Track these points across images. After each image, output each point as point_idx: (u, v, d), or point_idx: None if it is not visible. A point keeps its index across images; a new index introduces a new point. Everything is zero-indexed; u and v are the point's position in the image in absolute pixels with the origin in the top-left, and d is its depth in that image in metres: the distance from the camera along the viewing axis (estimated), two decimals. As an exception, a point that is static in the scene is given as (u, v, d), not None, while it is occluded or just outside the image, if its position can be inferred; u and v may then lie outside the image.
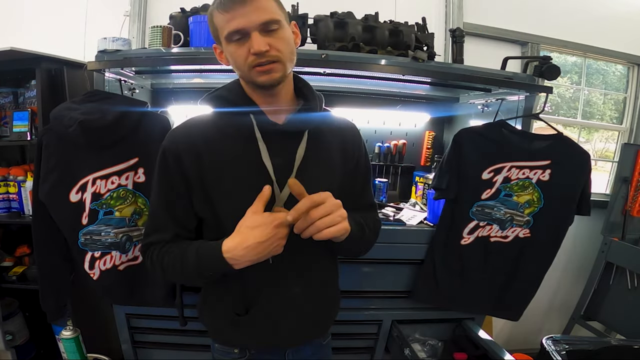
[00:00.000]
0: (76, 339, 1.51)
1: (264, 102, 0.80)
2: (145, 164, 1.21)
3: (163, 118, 1.23)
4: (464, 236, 1.42)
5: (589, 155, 1.40)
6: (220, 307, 0.89)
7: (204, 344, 1.50)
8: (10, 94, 1.66)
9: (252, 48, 0.70)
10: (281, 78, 0.75)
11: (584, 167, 1.39)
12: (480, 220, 1.41)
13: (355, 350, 1.60)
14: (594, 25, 2.30)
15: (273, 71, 0.73)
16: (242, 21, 0.70)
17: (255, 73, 0.73)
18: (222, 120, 0.81)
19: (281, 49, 0.73)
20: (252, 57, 0.71)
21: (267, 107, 0.80)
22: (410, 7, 2.00)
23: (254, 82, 0.75)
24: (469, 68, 1.48)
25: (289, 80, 0.81)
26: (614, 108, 2.60)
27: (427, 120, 1.98)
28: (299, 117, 0.80)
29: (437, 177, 1.42)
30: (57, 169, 1.15)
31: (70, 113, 1.10)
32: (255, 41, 0.70)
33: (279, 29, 0.73)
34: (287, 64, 0.75)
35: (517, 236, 1.43)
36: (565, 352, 1.25)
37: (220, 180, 0.78)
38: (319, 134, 0.84)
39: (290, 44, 0.76)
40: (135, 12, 1.89)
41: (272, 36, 0.72)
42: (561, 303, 2.46)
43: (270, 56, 0.71)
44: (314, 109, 0.83)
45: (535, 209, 1.41)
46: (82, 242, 1.21)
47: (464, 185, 1.38)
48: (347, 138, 0.91)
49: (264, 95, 0.79)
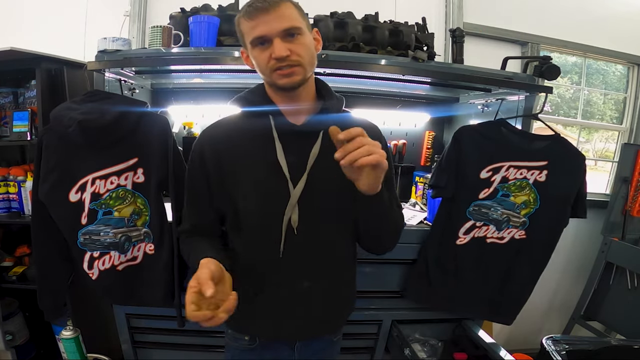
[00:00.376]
0: (76, 339, 1.51)
1: (285, 103, 0.85)
2: (144, 164, 1.21)
3: (163, 118, 1.23)
4: (459, 236, 1.41)
5: (584, 158, 1.39)
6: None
7: (204, 344, 1.51)
8: (10, 94, 1.66)
9: (274, 53, 0.76)
10: (301, 81, 0.80)
11: (580, 169, 1.38)
12: (477, 220, 1.40)
13: (355, 350, 1.59)
14: (594, 25, 2.30)
15: (294, 74, 0.78)
16: (264, 28, 0.76)
17: (277, 76, 0.79)
18: (244, 120, 0.88)
19: (301, 54, 0.78)
20: (273, 62, 0.77)
21: (287, 109, 0.85)
22: (410, 7, 2.00)
23: (276, 85, 0.81)
24: (469, 68, 1.48)
25: (310, 83, 0.86)
26: (614, 108, 2.60)
27: (427, 120, 1.98)
28: (317, 118, 0.85)
29: (436, 174, 1.41)
30: (57, 168, 1.15)
31: (70, 113, 1.10)
32: (276, 47, 0.75)
33: (300, 36, 0.78)
34: (308, 68, 0.80)
35: (512, 237, 1.42)
36: (565, 352, 1.25)
37: (237, 177, 0.85)
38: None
39: (310, 50, 0.80)
40: (135, 12, 1.89)
41: (293, 42, 0.77)
42: (561, 303, 2.46)
43: (290, 61, 0.77)
44: (333, 110, 0.87)
45: (531, 210, 1.40)
46: (81, 242, 1.21)
47: (461, 184, 1.37)
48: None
49: (285, 97, 0.84)
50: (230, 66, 1.33)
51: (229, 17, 1.45)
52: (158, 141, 1.20)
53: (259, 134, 0.85)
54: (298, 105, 0.85)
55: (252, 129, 0.86)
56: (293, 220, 0.83)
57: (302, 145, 0.84)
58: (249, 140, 0.85)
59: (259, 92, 0.88)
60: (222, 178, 0.86)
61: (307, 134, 0.85)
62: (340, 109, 0.90)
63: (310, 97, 0.87)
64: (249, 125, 0.87)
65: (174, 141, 1.22)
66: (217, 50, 1.36)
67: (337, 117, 0.86)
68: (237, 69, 1.40)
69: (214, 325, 0.70)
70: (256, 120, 0.85)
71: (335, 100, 0.89)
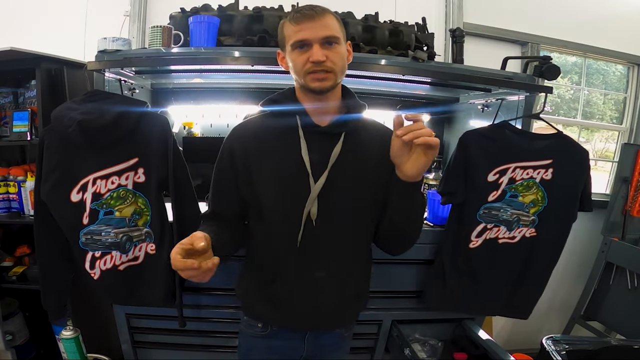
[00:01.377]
0: (76, 339, 1.51)
1: (312, 105, 0.91)
2: (145, 164, 1.21)
3: (163, 118, 1.22)
4: (472, 239, 1.42)
5: (588, 153, 1.41)
6: (250, 283, 1.01)
7: (204, 344, 1.51)
8: (10, 94, 1.66)
9: (312, 57, 0.82)
10: (332, 86, 0.87)
11: (584, 164, 1.40)
12: (488, 222, 1.41)
13: (355, 350, 1.59)
14: (594, 25, 2.30)
15: (326, 80, 0.85)
16: (307, 33, 0.83)
17: (310, 79, 0.85)
18: (272, 120, 0.94)
19: (336, 61, 0.85)
20: (309, 65, 0.84)
21: (314, 110, 0.91)
22: (410, 7, 2.00)
23: (308, 87, 0.87)
24: (469, 68, 1.48)
25: (337, 89, 0.92)
26: (614, 108, 2.60)
27: (427, 120, 1.98)
28: (340, 121, 0.91)
29: (445, 181, 1.40)
30: (58, 168, 1.15)
31: (70, 113, 1.10)
32: (315, 52, 0.82)
33: (337, 45, 0.85)
34: (339, 75, 0.87)
35: (523, 236, 1.44)
36: (565, 352, 1.25)
37: (263, 171, 0.91)
38: (357, 136, 0.93)
39: (343, 59, 0.88)
40: (135, 12, 1.89)
41: (330, 50, 0.84)
42: (561, 303, 2.46)
43: (325, 66, 0.83)
44: (356, 115, 0.93)
45: (540, 208, 1.41)
46: (82, 242, 1.21)
47: (470, 188, 1.38)
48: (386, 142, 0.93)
49: (314, 99, 0.90)
50: (230, 66, 1.34)
51: (229, 17, 1.45)
52: (158, 141, 1.20)
53: (285, 132, 0.91)
54: (325, 108, 0.91)
55: (279, 128, 0.91)
56: (312, 212, 0.88)
57: (325, 145, 0.90)
58: (275, 137, 0.91)
59: (289, 94, 0.95)
60: (250, 172, 0.91)
61: (330, 135, 0.91)
62: (362, 113, 0.96)
63: (336, 102, 0.93)
64: (277, 124, 0.92)
65: (174, 141, 1.22)
66: (217, 50, 1.36)
67: (357, 120, 0.93)
68: (237, 69, 1.40)
69: (199, 280, 0.71)
70: (283, 120, 0.91)
71: (358, 106, 0.95)
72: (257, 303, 0.98)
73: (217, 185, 0.98)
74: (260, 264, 0.97)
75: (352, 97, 0.96)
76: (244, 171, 0.92)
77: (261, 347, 1.01)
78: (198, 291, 1.42)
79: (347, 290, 0.97)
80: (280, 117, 0.92)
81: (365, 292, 1.05)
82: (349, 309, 1.01)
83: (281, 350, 1.00)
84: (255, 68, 1.34)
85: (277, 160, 0.90)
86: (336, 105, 0.93)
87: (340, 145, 0.90)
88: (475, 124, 1.81)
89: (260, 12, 1.46)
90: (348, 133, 0.91)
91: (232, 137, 0.96)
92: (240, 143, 0.93)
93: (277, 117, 0.93)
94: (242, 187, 0.93)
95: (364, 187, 0.91)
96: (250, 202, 0.95)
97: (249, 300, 1.01)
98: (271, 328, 0.99)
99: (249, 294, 1.01)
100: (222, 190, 0.97)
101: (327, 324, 1.00)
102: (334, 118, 0.92)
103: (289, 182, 0.89)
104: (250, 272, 1.01)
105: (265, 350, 1.01)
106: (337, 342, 1.05)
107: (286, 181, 0.90)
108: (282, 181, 0.90)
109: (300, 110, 0.91)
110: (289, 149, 0.90)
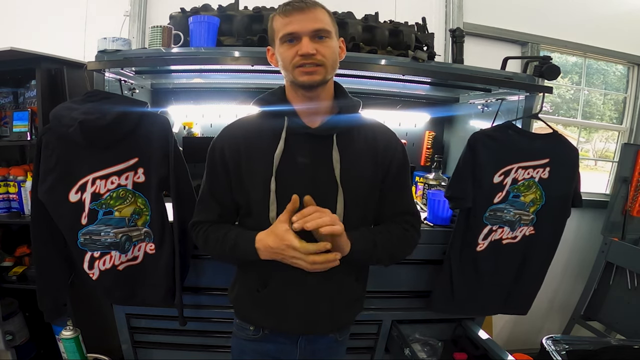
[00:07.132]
0: (76, 339, 1.51)
1: (302, 105, 0.88)
2: (145, 164, 1.21)
3: (163, 118, 1.22)
4: (479, 242, 1.42)
5: (577, 151, 1.43)
6: (242, 286, 0.99)
7: (204, 344, 1.51)
8: (10, 94, 1.66)
9: (301, 50, 0.80)
10: (321, 81, 0.83)
11: (576, 162, 1.43)
12: (493, 224, 1.41)
13: (355, 350, 1.59)
14: (594, 25, 2.31)
15: (315, 73, 0.81)
16: (297, 26, 0.80)
17: (298, 72, 0.82)
18: (262, 120, 0.92)
19: (326, 55, 0.82)
20: (298, 58, 0.80)
21: (304, 110, 0.88)
22: (410, 7, 2.01)
23: (296, 82, 0.83)
24: (469, 68, 1.48)
25: (329, 86, 0.89)
26: (614, 108, 2.60)
27: (427, 120, 1.98)
28: (331, 122, 0.88)
29: (454, 185, 1.38)
30: (57, 168, 1.15)
31: (70, 113, 1.10)
32: (304, 44, 0.79)
33: (328, 39, 0.82)
34: (329, 70, 0.84)
35: (524, 235, 1.45)
36: (565, 352, 1.25)
37: (251, 172, 0.89)
38: (349, 138, 0.90)
39: (334, 54, 0.85)
40: (135, 12, 1.89)
41: (320, 43, 0.81)
42: (561, 303, 2.46)
43: (315, 59, 0.80)
44: (348, 116, 0.90)
45: (538, 207, 1.42)
46: (81, 242, 1.21)
47: (478, 191, 1.37)
48: (379, 143, 0.93)
49: (304, 98, 0.87)
50: (230, 66, 1.33)
51: (229, 17, 1.45)
52: (158, 141, 1.20)
53: (272, 133, 0.88)
54: (316, 107, 0.88)
55: (268, 128, 0.89)
56: (271, 217, 0.86)
57: (315, 148, 0.87)
58: (265, 137, 0.89)
59: (278, 93, 0.92)
60: (240, 172, 0.90)
61: (320, 137, 0.88)
62: (357, 113, 0.93)
63: (328, 101, 0.90)
64: (267, 124, 0.90)
65: (175, 141, 1.22)
66: (217, 50, 1.36)
67: (350, 119, 0.90)
68: (237, 69, 1.40)
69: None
70: (273, 121, 0.89)
71: (351, 105, 0.91)
72: (248, 307, 0.97)
73: (214, 189, 0.95)
74: (251, 269, 0.94)
75: (345, 97, 0.93)
76: (236, 173, 0.90)
77: (253, 350, 0.99)
78: (198, 291, 1.42)
79: (341, 295, 0.95)
80: (270, 117, 0.90)
81: (361, 296, 1.02)
82: (343, 314, 0.98)
83: (273, 354, 0.98)
84: (255, 68, 1.34)
85: (264, 162, 0.87)
86: (328, 105, 0.90)
87: (337, 150, 0.87)
88: (475, 124, 1.81)
89: (260, 12, 1.46)
90: (340, 135, 0.88)
91: (222, 136, 0.94)
92: (230, 143, 0.91)
93: (268, 118, 0.90)
94: (235, 189, 0.92)
95: (363, 189, 0.90)
96: (241, 204, 0.93)
97: (241, 304, 0.99)
98: (263, 332, 0.98)
99: (241, 298, 0.99)
100: (220, 193, 0.94)
101: (320, 329, 0.97)
102: (325, 119, 0.88)
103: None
104: (242, 276, 0.99)
105: (257, 354, 0.99)
106: (331, 347, 1.01)
107: (269, 185, 0.86)
108: (265, 185, 0.86)
109: (290, 111, 0.88)
110: (273, 150, 0.87)
